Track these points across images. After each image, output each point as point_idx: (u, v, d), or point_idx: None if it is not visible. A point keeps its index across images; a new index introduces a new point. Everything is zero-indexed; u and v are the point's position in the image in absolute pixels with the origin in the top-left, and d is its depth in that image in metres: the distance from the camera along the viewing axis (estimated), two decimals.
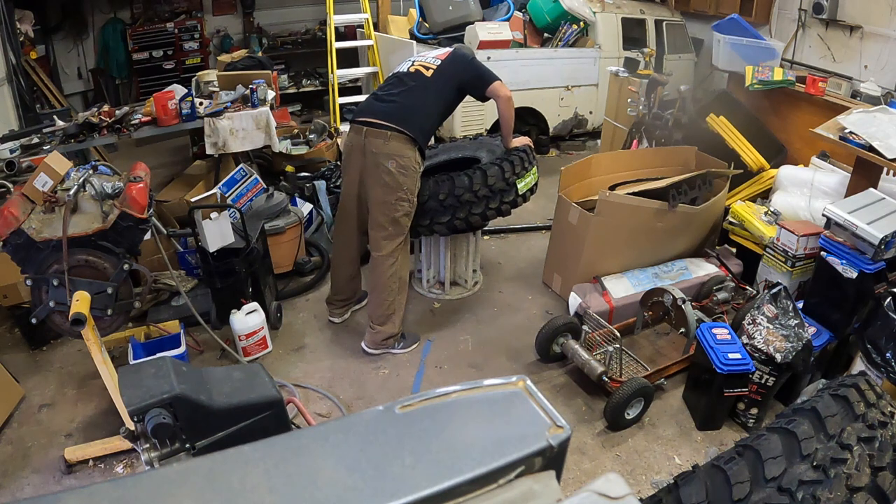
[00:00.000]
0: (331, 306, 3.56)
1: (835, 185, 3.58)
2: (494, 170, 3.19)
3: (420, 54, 3.26)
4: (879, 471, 1.46)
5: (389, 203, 3.00)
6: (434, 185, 3.15)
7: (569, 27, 5.96)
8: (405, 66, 3.18)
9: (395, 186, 2.96)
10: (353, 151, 3.06)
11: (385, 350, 3.26)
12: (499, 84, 3.13)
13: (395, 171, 2.93)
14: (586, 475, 2.55)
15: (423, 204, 3.14)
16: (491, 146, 3.64)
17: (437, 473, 0.67)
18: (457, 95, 3.19)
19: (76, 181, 2.46)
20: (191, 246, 3.75)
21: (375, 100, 3.11)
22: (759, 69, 4.44)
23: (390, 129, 2.92)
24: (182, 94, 4.27)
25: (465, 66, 3.15)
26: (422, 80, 3.06)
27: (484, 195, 3.18)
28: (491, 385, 0.81)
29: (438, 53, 3.19)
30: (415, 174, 3.01)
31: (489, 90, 3.13)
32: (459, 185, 3.13)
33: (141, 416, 1.57)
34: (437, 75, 3.07)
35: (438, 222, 3.23)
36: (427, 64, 3.11)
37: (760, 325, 2.72)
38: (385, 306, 3.16)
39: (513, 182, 3.25)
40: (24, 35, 5.71)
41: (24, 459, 2.63)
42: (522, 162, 3.30)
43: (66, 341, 3.36)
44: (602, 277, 3.45)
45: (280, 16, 8.03)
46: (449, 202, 3.15)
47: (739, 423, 2.79)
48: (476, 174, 3.16)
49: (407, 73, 3.12)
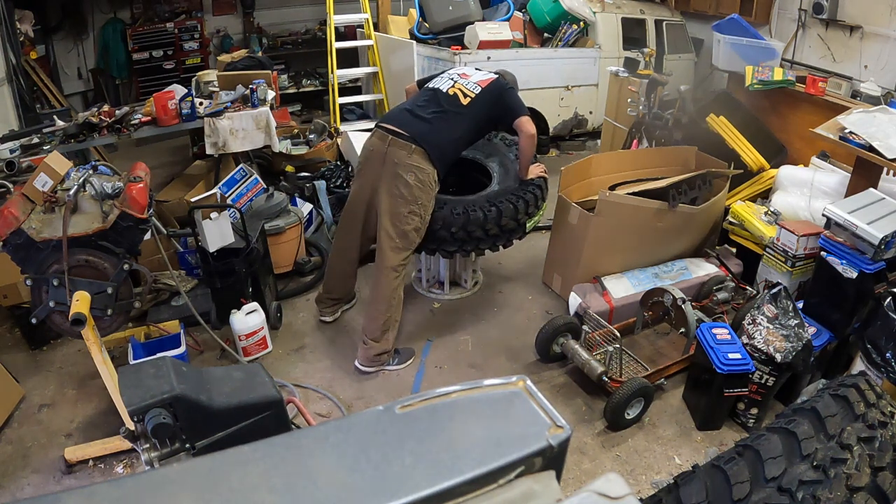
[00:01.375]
0: (321, 304, 3.55)
1: (835, 185, 3.58)
2: (510, 210, 3.15)
3: (461, 73, 3.16)
4: (879, 471, 1.46)
5: (402, 215, 2.96)
6: (449, 215, 3.10)
7: (569, 27, 5.96)
8: (444, 83, 3.10)
9: (411, 199, 2.93)
10: (373, 157, 3.01)
11: (379, 368, 3.17)
12: (526, 119, 3.08)
13: (414, 183, 2.90)
14: (586, 475, 2.55)
15: (434, 231, 3.12)
16: (504, 158, 3.52)
17: (437, 473, 0.67)
18: (487, 125, 3.17)
19: (76, 181, 2.46)
20: (191, 246, 3.75)
21: (409, 113, 3.03)
22: (759, 69, 4.44)
23: (416, 144, 2.90)
24: (182, 94, 4.27)
25: (502, 98, 3.09)
26: (458, 107, 3.01)
27: (494, 234, 3.20)
28: (491, 385, 0.81)
29: (481, 79, 3.10)
30: (431, 191, 2.97)
31: (516, 123, 3.08)
32: (474, 220, 3.10)
33: (141, 416, 1.57)
34: (473, 105, 3.02)
35: (445, 249, 3.24)
36: (466, 91, 3.04)
37: (760, 325, 2.72)
38: (381, 321, 3.08)
39: (523, 222, 3.27)
40: (24, 35, 5.71)
41: (24, 459, 2.63)
42: (536, 200, 3.28)
43: (66, 341, 3.36)
44: (602, 277, 3.45)
45: (280, 16, 8.04)
46: (460, 236, 3.14)
47: (739, 423, 2.79)
48: (491, 212, 3.12)
49: (445, 94, 3.04)
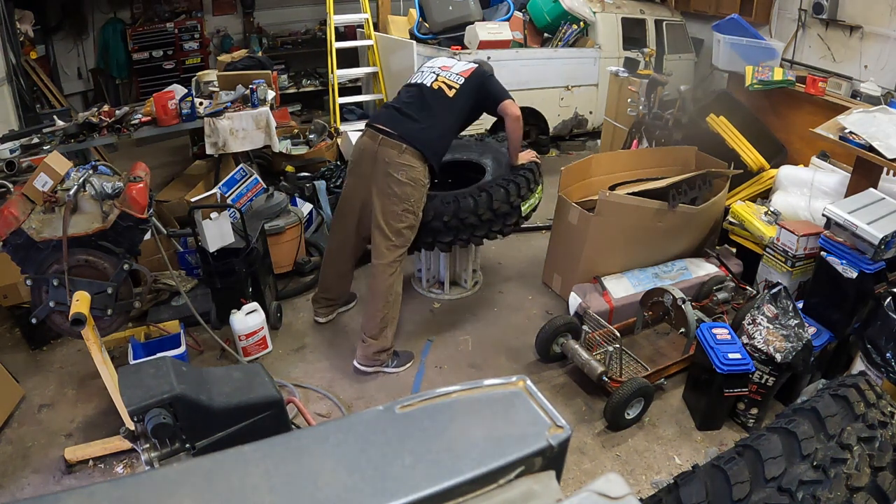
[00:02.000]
0: (316, 305, 3.55)
1: (835, 185, 3.58)
2: (500, 193, 3.14)
3: (442, 65, 3.15)
4: (879, 471, 1.46)
5: (396, 213, 2.98)
6: (440, 205, 3.12)
7: (569, 27, 5.96)
8: (427, 77, 3.10)
9: (404, 197, 2.95)
10: (365, 156, 3.03)
11: (378, 368, 3.15)
12: (509, 102, 3.09)
13: (406, 181, 2.92)
14: (586, 475, 2.55)
15: (427, 223, 3.13)
16: (497, 154, 3.57)
17: (437, 473, 0.67)
18: (473, 114, 3.17)
19: (76, 181, 2.46)
20: (191, 246, 3.75)
21: (397, 111, 3.04)
22: (759, 69, 4.44)
23: (407, 144, 2.91)
24: (182, 94, 4.27)
25: (484, 85, 3.10)
26: (444, 101, 3.02)
27: (487, 219, 3.18)
28: (491, 385, 0.81)
29: (462, 70, 3.10)
30: (423, 188, 2.99)
31: (500, 107, 3.10)
32: (464, 207, 3.11)
33: (141, 416, 1.57)
34: (458, 96, 3.03)
35: (441, 241, 3.24)
36: (450, 82, 3.05)
37: (760, 325, 2.72)
38: (379, 318, 3.08)
39: (517, 205, 3.24)
40: (24, 35, 5.71)
41: (24, 459, 2.63)
42: (528, 183, 3.26)
43: (66, 341, 3.36)
44: (602, 277, 3.45)
45: (280, 16, 8.03)
46: (453, 224, 3.14)
47: (739, 423, 2.79)
48: (482, 197, 3.12)
49: (430, 88, 3.05)
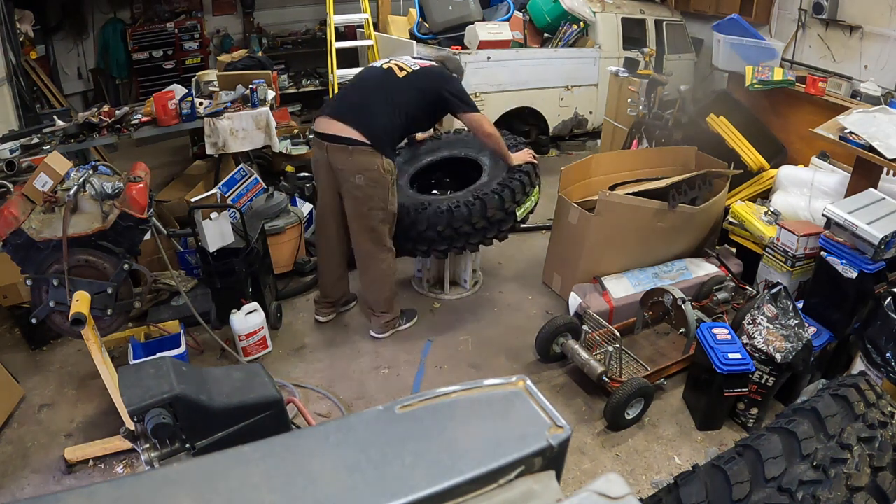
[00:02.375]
0: (318, 305, 3.59)
1: (835, 185, 3.57)
2: (494, 200, 3.10)
3: (398, 59, 3.13)
4: (879, 471, 1.46)
5: (363, 213, 3.03)
6: (433, 215, 3.11)
7: (569, 27, 5.95)
8: (382, 61, 3.13)
9: (366, 198, 2.97)
10: (320, 167, 3.07)
11: (393, 330, 3.40)
12: (477, 116, 3.02)
13: (365, 184, 2.93)
14: (586, 475, 2.55)
15: (421, 233, 3.16)
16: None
17: (437, 473, 0.67)
18: (429, 107, 3.09)
19: (76, 181, 2.46)
20: (191, 246, 3.75)
21: (341, 101, 3.08)
22: (759, 69, 4.44)
23: (351, 144, 2.87)
24: (182, 94, 4.27)
25: (444, 80, 3.05)
26: (393, 79, 2.98)
27: (482, 227, 3.17)
28: (491, 385, 0.81)
29: (423, 61, 3.12)
30: (386, 182, 2.97)
31: (465, 121, 3.05)
32: (458, 216, 3.09)
33: (141, 416, 1.57)
34: (410, 78, 3.00)
35: (436, 249, 3.26)
36: (403, 65, 3.03)
37: (760, 325, 2.72)
38: (384, 296, 3.30)
39: (512, 210, 3.19)
40: (24, 35, 5.70)
41: (24, 459, 2.63)
42: (524, 187, 3.20)
43: (66, 341, 3.36)
44: (602, 277, 3.45)
45: (280, 16, 8.02)
46: (447, 234, 3.14)
47: (739, 423, 2.79)
48: (475, 206, 3.09)
49: (379, 68, 3.06)
